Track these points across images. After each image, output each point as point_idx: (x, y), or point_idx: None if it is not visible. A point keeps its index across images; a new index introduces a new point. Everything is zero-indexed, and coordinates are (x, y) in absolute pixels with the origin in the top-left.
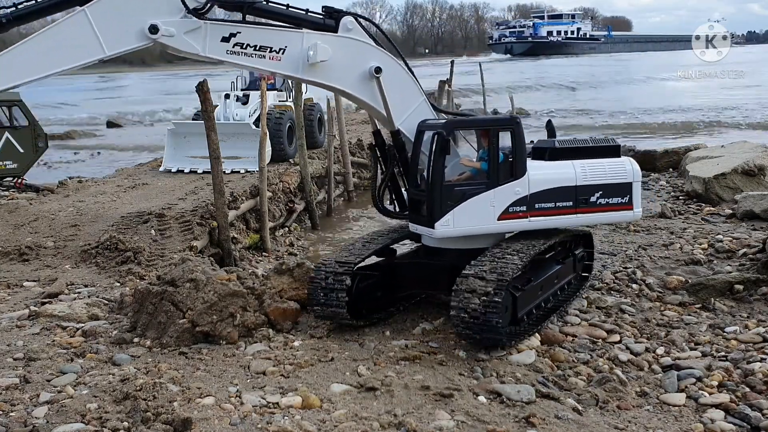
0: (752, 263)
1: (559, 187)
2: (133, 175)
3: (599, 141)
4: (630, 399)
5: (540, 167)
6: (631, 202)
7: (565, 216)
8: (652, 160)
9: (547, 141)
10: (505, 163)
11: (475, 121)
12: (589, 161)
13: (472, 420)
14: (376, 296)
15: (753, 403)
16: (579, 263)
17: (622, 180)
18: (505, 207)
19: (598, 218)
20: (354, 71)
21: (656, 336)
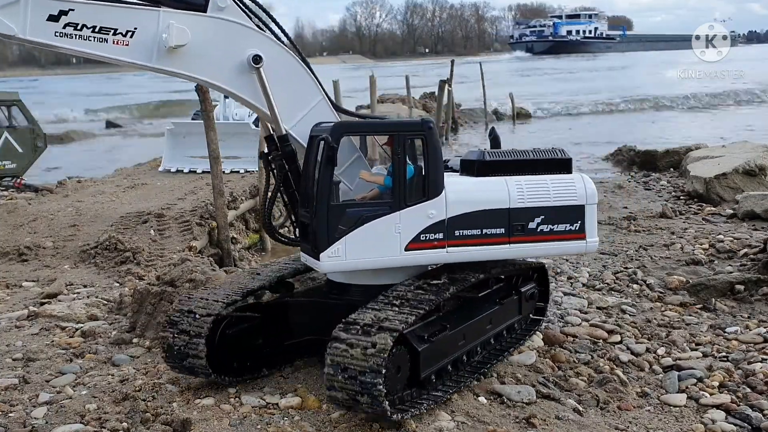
0: (753, 263)
1: (487, 209)
2: (132, 175)
3: (545, 152)
4: (631, 399)
5: (462, 185)
6: (582, 230)
7: (495, 246)
8: (653, 159)
9: (478, 153)
10: (415, 179)
11: (372, 124)
12: (527, 178)
13: (472, 421)
14: (254, 345)
15: (754, 404)
16: (528, 302)
17: (570, 202)
18: (414, 234)
19: (538, 249)
20: (227, 61)
21: (657, 336)
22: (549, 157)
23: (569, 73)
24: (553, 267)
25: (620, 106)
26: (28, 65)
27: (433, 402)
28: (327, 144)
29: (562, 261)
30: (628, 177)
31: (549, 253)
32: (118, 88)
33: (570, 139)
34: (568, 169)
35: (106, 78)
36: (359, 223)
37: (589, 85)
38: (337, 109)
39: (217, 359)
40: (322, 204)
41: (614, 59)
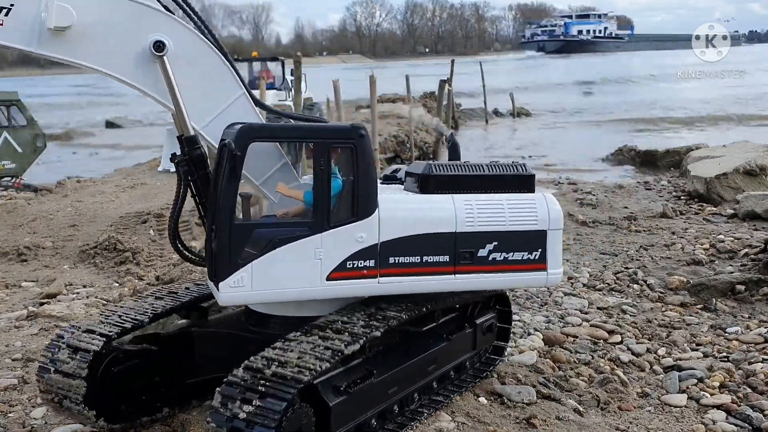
0: (754, 263)
1: (429, 233)
2: (132, 174)
3: (502, 167)
4: (631, 400)
5: (400, 203)
6: (543, 260)
7: (437, 277)
8: (654, 159)
9: (424, 165)
10: (342, 195)
11: (288, 129)
12: (480, 197)
13: (472, 421)
14: (151, 385)
15: (755, 404)
16: (485, 335)
17: (529, 226)
18: (339, 261)
19: (489, 281)
20: (123, 47)
21: (657, 336)
22: (506, 173)
23: (585, 84)
24: None
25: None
26: (27, 65)
27: None
28: (229, 151)
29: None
30: (632, 178)
31: (502, 285)
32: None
33: (570, 139)
34: (530, 187)
35: None
36: (270, 247)
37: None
38: (264, 107)
39: (101, 401)
40: (224, 223)
41: (626, 60)
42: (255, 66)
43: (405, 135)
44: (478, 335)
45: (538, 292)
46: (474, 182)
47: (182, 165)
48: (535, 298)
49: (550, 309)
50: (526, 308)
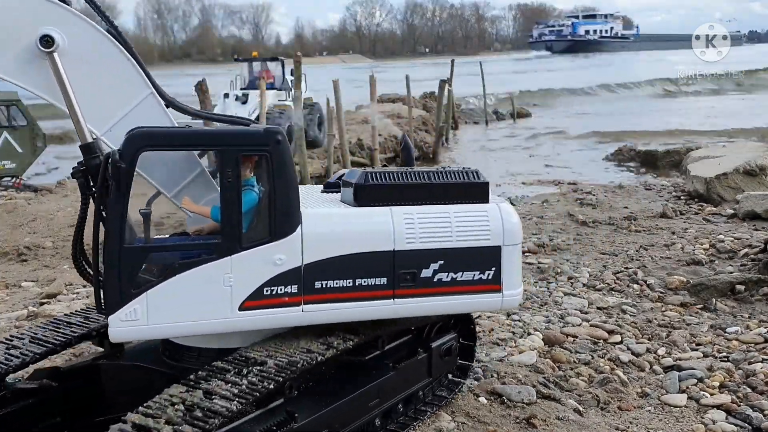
0: (754, 263)
1: (363, 253)
2: None
3: (450, 174)
4: (631, 400)
5: (328, 218)
6: (497, 280)
7: (373, 302)
8: (654, 159)
9: (360, 173)
10: (258, 211)
11: (188, 135)
12: (423, 209)
13: (472, 421)
14: (52, 426)
15: (754, 404)
16: (444, 359)
17: (481, 242)
18: (253, 288)
19: (436, 305)
20: (6, 41)
21: (657, 336)
22: (455, 181)
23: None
24: (554, 267)
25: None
26: None
27: None
28: (113, 163)
29: (562, 260)
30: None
31: (449, 309)
32: None
33: (570, 138)
34: (482, 197)
35: None
36: (169, 273)
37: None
38: (180, 109)
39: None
40: (112, 247)
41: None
42: (255, 66)
43: None
44: (435, 360)
45: (538, 292)
46: (417, 192)
47: (79, 177)
48: (535, 298)
49: (550, 309)
50: (526, 308)
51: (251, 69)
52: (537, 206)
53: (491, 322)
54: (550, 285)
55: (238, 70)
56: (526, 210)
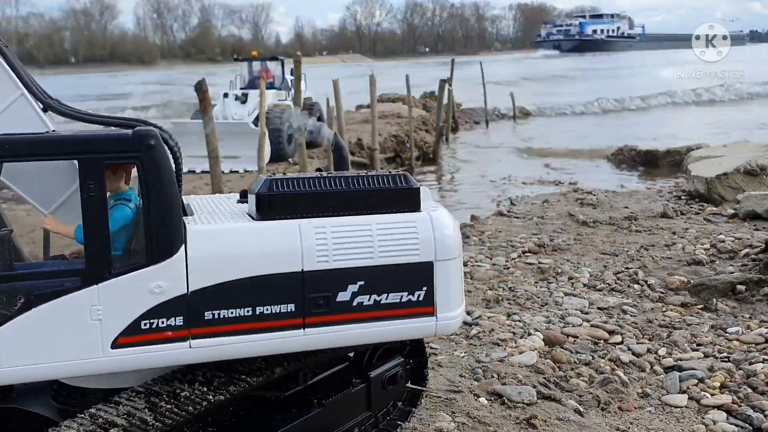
0: (754, 263)
1: (263, 276)
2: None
3: (372, 179)
4: (632, 400)
5: (219, 236)
6: (430, 301)
7: (279, 334)
8: (654, 159)
9: (263, 181)
10: (131, 230)
11: (36, 142)
12: (339, 221)
13: (472, 422)
14: None
15: (755, 404)
16: (388, 389)
17: (409, 258)
18: (128, 321)
19: (356, 334)
20: None
21: (658, 337)
22: (379, 187)
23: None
24: (554, 267)
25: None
26: (27, 65)
27: None
28: None
29: (562, 260)
30: (632, 178)
31: (373, 338)
32: (118, 87)
33: (570, 139)
34: (412, 205)
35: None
36: (24, 307)
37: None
38: (59, 111)
39: None
40: None
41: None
42: (255, 65)
43: (405, 135)
44: (375, 391)
45: (539, 292)
46: (331, 201)
47: None
48: (535, 299)
49: (551, 309)
50: (526, 308)
51: (251, 68)
52: (537, 206)
53: (491, 322)
54: (551, 285)
55: (238, 70)
56: (526, 210)
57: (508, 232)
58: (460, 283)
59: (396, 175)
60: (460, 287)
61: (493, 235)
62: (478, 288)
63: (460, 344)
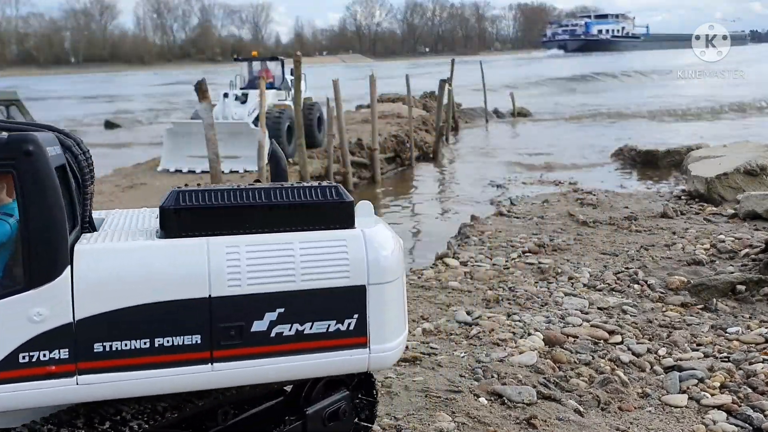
0: (755, 264)
1: (163, 303)
2: (132, 174)
3: (299, 191)
4: (632, 400)
5: (112, 256)
6: (362, 331)
7: (183, 369)
8: (654, 159)
9: (169, 194)
10: (9, 249)
11: None
12: (254, 239)
13: (472, 422)
14: None
15: (755, 404)
16: (329, 425)
17: (337, 281)
18: (3, 355)
19: (273, 369)
20: None
21: (658, 337)
22: (305, 201)
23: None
24: (554, 267)
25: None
26: (27, 65)
27: None
28: None
29: (562, 260)
30: (632, 178)
31: (294, 374)
32: (118, 87)
33: (570, 139)
34: (344, 221)
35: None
36: None
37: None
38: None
39: None
40: None
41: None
42: (255, 65)
43: (405, 135)
44: (313, 429)
45: (539, 292)
46: (247, 216)
47: None
48: (535, 299)
49: (551, 309)
50: (526, 308)
51: (251, 68)
52: (537, 206)
53: (491, 322)
54: (551, 285)
55: (238, 70)
56: (526, 210)
57: (508, 232)
58: (399, 309)
59: (326, 188)
60: (400, 314)
61: (493, 235)
62: (478, 288)
63: (460, 344)
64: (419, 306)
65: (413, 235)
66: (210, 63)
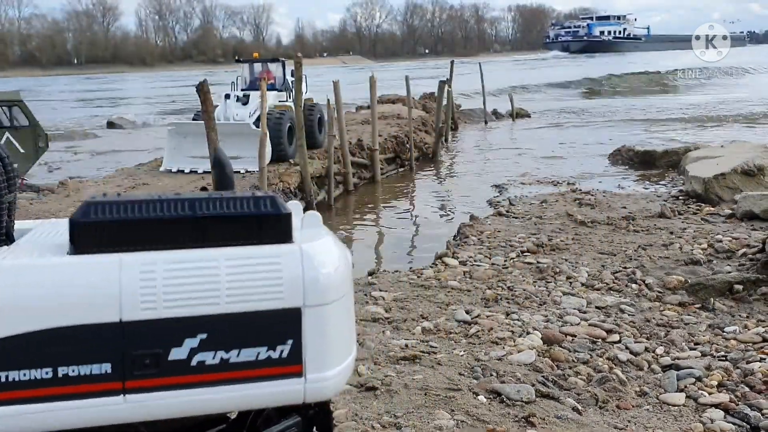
0: (752, 263)
1: (68, 327)
2: (134, 175)
3: (226, 202)
4: (629, 399)
5: (13, 274)
6: (297, 358)
7: (90, 401)
8: (652, 159)
9: (81, 206)
10: None
11: None
12: (175, 257)
13: (472, 420)
14: None
15: (752, 403)
16: None
17: (268, 304)
18: None
19: (197, 401)
20: None
21: (656, 336)
22: (234, 212)
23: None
24: (552, 267)
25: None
26: (29, 66)
27: None
28: None
29: (560, 260)
30: (630, 178)
31: (219, 406)
32: (119, 89)
33: (570, 138)
34: (280, 236)
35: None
36: None
37: None
38: None
39: None
40: None
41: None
42: (256, 67)
43: (405, 135)
44: None
45: (537, 292)
46: (166, 231)
47: None
48: (534, 298)
49: (549, 308)
50: (525, 307)
51: (252, 70)
52: (536, 206)
53: (490, 321)
54: (549, 284)
55: (239, 71)
56: (525, 210)
57: (506, 231)
58: (343, 332)
59: (260, 198)
60: (345, 337)
61: (492, 235)
62: (478, 287)
63: (459, 343)
64: (419, 305)
65: (413, 234)
66: (211, 64)
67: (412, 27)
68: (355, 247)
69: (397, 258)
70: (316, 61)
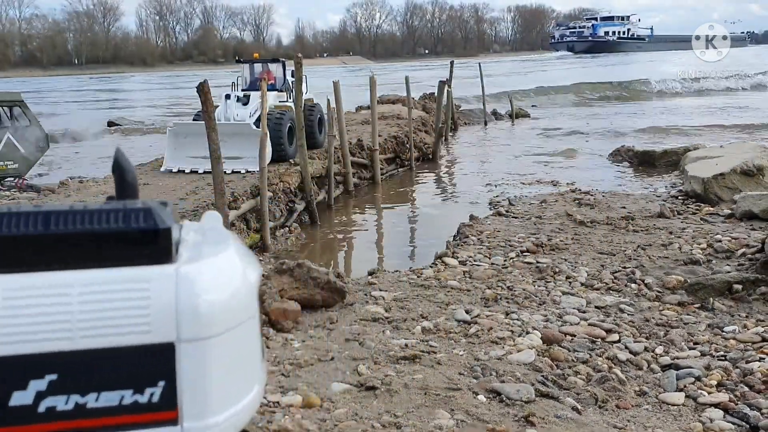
0: (751, 263)
1: None
2: None
3: (87, 215)
4: (629, 398)
5: None
6: (171, 403)
7: None
8: (651, 159)
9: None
10: None
11: None
12: (18, 282)
13: (471, 419)
14: None
15: (752, 403)
16: None
17: (133, 338)
18: None
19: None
20: None
21: (655, 335)
22: (96, 228)
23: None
24: (552, 266)
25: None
26: (30, 66)
27: None
28: None
29: (560, 260)
30: (629, 178)
31: None
32: (119, 89)
33: (571, 139)
34: (157, 255)
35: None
36: None
37: None
38: None
39: None
40: None
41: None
42: (256, 67)
43: (405, 136)
44: None
45: (537, 291)
46: (12, 251)
47: None
48: (533, 297)
49: (549, 308)
50: (524, 307)
51: (252, 70)
52: (535, 206)
53: (490, 321)
54: (549, 284)
55: (240, 72)
56: (524, 210)
57: (506, 231)
58: (235, 370)
59: (132, 211)
60: (240, 375)
61: (491, 235)
62: (477, 287)
63: (459, 342)
64: (419, 305)
65: (413, 234)
66: (212, 64)
67: (412, 27)
68: (355, 247)
69: (397, 258)
70: (317, 62)
